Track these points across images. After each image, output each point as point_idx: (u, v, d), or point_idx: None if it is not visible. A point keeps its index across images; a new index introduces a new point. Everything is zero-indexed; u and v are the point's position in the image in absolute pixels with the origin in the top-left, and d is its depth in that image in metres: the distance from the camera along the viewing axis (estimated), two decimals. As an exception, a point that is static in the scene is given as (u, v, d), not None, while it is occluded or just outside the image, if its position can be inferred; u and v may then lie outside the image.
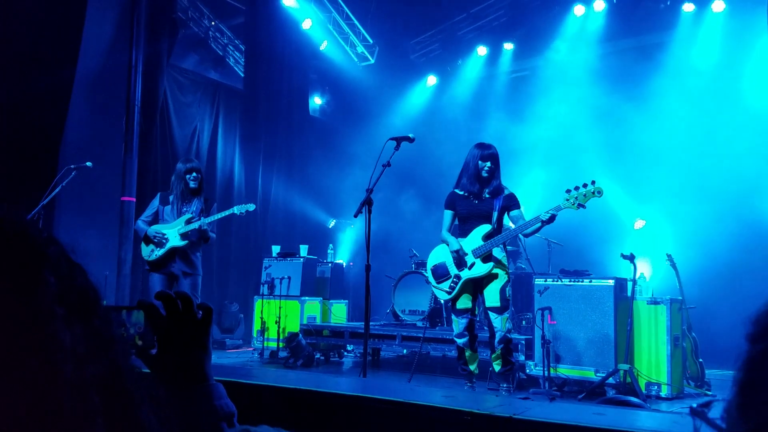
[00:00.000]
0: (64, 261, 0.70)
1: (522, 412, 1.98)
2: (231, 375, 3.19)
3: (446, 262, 4.75)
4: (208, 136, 10.09)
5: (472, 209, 4.67)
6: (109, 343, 0.71)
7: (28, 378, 0.61)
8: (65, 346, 0.64)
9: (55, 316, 0.65)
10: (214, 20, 10.29)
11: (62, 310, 0.66)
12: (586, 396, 5.13)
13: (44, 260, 0.67)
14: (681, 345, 5.63)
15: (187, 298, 1.05)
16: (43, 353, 0.63)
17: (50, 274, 0.67)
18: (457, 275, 4.66)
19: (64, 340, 0.64)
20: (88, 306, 0.71)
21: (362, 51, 11.34)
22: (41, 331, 0.63)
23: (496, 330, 4.54)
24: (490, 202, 4.63)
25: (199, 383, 1.03)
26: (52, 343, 0.64)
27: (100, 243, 7.32)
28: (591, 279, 5.70)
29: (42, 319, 0.64)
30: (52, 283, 0.66)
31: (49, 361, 0.63)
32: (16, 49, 6.18)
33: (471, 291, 4.67)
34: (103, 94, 7.86)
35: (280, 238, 9.64)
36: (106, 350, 0.70)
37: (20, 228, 0.69)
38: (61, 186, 5.39)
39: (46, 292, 0.65)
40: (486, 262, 4.55)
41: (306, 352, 7.08)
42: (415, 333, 6.91)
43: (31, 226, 0.70)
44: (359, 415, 2.44)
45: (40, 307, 0.64)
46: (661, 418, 2.68)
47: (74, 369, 0.64)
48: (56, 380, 0.63)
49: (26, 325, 0.63)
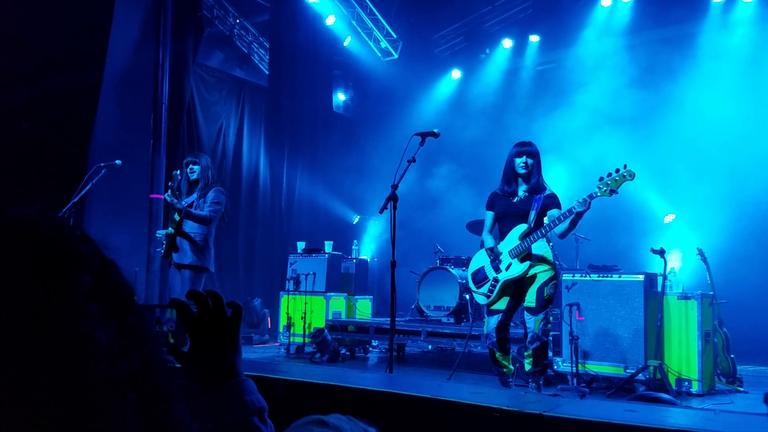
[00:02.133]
0: (97, 259, 0.71)
1: (552, 409, 1.96)
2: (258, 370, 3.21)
3: (485, 266, 4.62)
4: (234, 133, 10.17)
5: (508, 208, 4.52)
6: (143, 341, 0.71)
7: (64, 376, 0.62)
8: (100, 344, 0.65)
9: (90, 315, 0.65)
10: (238, 18, 10.35)
11: (96, 308, 0.66)
12: (615, 392, 5.06)
13: (78, 259, 0.68)
14: (712, 340, 5.53)
15: (216, 296, 1.06)
16: (78, 352, 0.63)
17: (84, 273, 0.67)
18: (495, 278, 4.53)
19: (99, 338, 0.65)
20: (122, 303, 0.71)
21: (386, 46, 11.31)
22: (76, 329, 0.64)
23: (529, 330, 4.42)
24: (528, 201, 4.45)
25: (230, 379, 1.04)
26: (88, 342, 0.64)
27: (130, 240, 7.43)
28: (620, 274, 5.62)
29: (77, 317, 0.64)
30: (86, 281, 0.67)
31: (85, 360, 0.63)
32: (45, 50, 6.29)
33: (511, 293, 4.51)
34: (131, 93, 7.96)
35: (304, 234, 9.69)
36: (140, 347, 0.70)
37: (53, 227, 0.69)
38: (91, 184, 5.46)
39: (81, 290, 0.66)
40: (523, 261, 4.40)
41: (332, 348, 7.11)
42: (441, 329, 6.89)
43: (63, 224, 0.71)
44: (386, 410, 2.44)
45: (74, 306, 0.64)
46: (694, 415, 2.63)
47: (109, 367, 0.65)
48: (92, 378, 0.63)
49: (61, 324, 0.63)
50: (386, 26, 11.14)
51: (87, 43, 6.79)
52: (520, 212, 4.46)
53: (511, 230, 4.48)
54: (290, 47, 10.44)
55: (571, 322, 5.42)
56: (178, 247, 5.29)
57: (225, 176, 9.80)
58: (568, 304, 5.58)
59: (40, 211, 0.71)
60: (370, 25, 11.02)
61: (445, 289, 7.44)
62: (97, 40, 6.88)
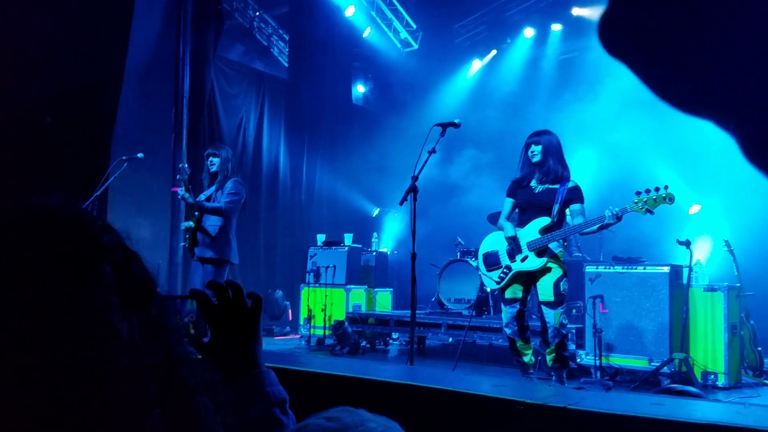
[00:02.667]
0: (120, 249, 0.70)
1: (577, 402, 1.92)
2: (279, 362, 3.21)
3: (499, 251, 4.58)
4: (254, 126, 10.21)
5: (531, 199, 4.46)
6: (165, 333, 0.70)
7: (87, 368, 0.61)
8: (123, 336, 0.64)
9: (112, 306, 0.64)
10: (258, 11, 10.36)
11: (119, 300, 0.65)
12: (640, 386, 5.00)
13: (100, 249, 0.67)
14: (739, 333, 5.44)
15: (237, 287, 1.05)
16: (100, 343, 0.62)
17: (106, 264, 0.66)
18: (508, 266, 4.49)
19: (121, 330, 0.64)
20: (145, 295, 0.70)
21: (405, 37, 11.25)
22: (98, 321, 0.63)
23: (549, 325, 4.36)
24: (551, 193, 4.38)
25: (251, 370, 1.03)
26: (110, 333, 0.63)
27: (152, 233, 7.50)
28: (645, 266, 5.55)
29: (99, 308, 0.63)
30: (109, 272, 0.66)
31: (107, 351, 0.62)
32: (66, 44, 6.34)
33: (523, 282, 4.48)
34: (152, 86, 8.02)
35: (324, 226, 9.71)
36: (162, 339, 0.69)
37: (75, 217, 0.68)
38: (114, 177, 5.51)
39: (103, 281, 0.65)
40: (540, 256, 4.35)
41: (352, 340, 7.12)
42: (461, 321, 6.86)
43: (85, 215, 0.70)
44: (408, 403, 2.42)
45: (97, 297, 0.64)
46: (722, 409, 2.58)
47: (132, 359, 0.64)
48: (114, 370, 0.62)
49: (84, 316, 0.62)
50: (406, 16, 11.07)
51: (108, 36, 6.83)
52: (543, 205, 4.40)
53: (532, 221, 4.43)
54: (310, 39, 10.44)
55: (595, 314, 5.36)
56: (199, 241, 5.31)
57: (245, 169, 9.84)
58: (592, 296, 5.52)
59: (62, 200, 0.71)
60: (390, 16, 10.96)
61: (465, 281, 7.40)
62: (119, 34, 6.92)
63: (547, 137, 4.48)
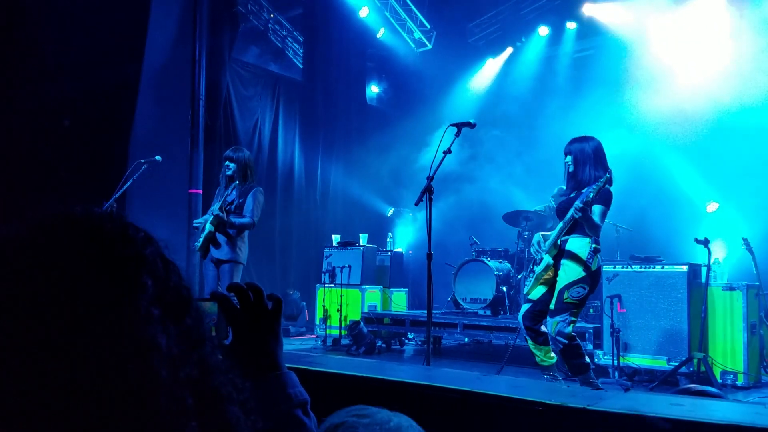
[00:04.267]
0: (160, 261, 0.70)
1: (596, 402, 1.92)
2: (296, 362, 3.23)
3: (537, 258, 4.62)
4: (269, 128, 10.25)
5: (559, 207, 4.44)
6: (200, 343, 0.71)
7: (127, 382, 0.61)
8: (162, 349, 0.64)
9: (153, 319, 0.65)
10: (273, 13, 10.41)
11: (159, 312, 0.66)
12: (658, 385, 4.96)
13: (143, 263, 0.67)
14: (758, 332, 5.38)
15: (257, 289, 1.06)
16: (141, 357, 0.63)
17: (148, 277, 0.67)
18: (531, 270, 4.54)
19: (161, 343, 0.64)
20: (182, 305, 0.71)
21: (419, 37, 11.25)
22: (140, 334, 0.63)
23: (548, 333, 4.27)
24: (573, 200, 4.23)
25: (272, 371, 1.04)
26: (150, 347, 0.64)
27: (170, 235, 7.44)
28: (663, 265, 5.50)
29: (140, 322, 0.64)
30: (150, 285, 0.66)
31: (147, 365, 0.63)
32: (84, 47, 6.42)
33: (548, 287, 4.37)
34: (169, 89, 8.08)
35: (339, 226, 9.73)
36: (197, 350, 0.70)
37: (119, 228, 0.69)
38: (132, 180, 5.56)
39: (144, 295, 0.65)
40: (554, 258, 4.30)
41: (368, 340, 7.13)
42: (477, 321, 6.85)
43: (129, 227, 0.70)
44: (425, 403, 2.43)
45: (138, 311, 0.64)
46: (743, 409, 2.56)
47: (169, 371, 0.64)
48: (153, 383, 0.63)
49: (126, 330, 0.63)
50: (420, 17, 11.07)
51: (125, 41, 6.91)
52: (564, 210, 4.32)
53: (557, 227, 4.41)
54: (324, 41, 10.47)
55: (612, 314, 5.32)
56: (219, 243, 5.34)
57: (261, 170, 9.88)
58: (609, 296, 5.49)
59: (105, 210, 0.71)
60: (404, 16, 10.96)
61: (481, 281, 7.39)
62: (135, 38, 7.00)
63: (578, 146, 4.32)
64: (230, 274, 5.32)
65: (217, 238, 5.35)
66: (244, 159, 5.45)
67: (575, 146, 4.34)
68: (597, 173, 4.20)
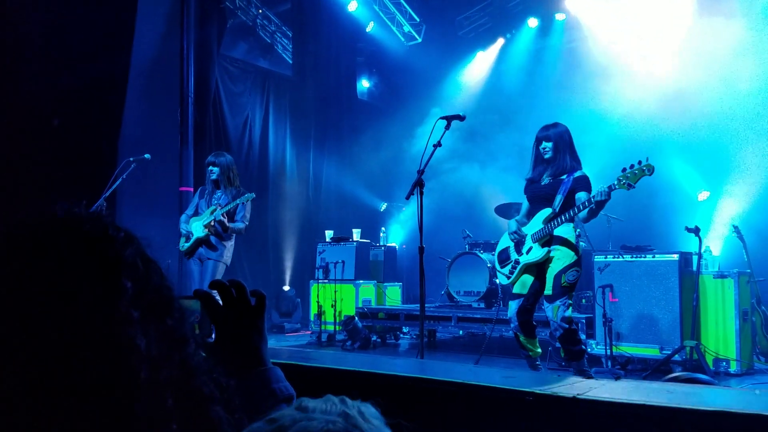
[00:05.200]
0: (140, 261, 0.70)
1: (586, 391, 1.92)
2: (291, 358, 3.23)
3: (510, 246, 4.59)
4: (260, 124, 10.21)
5: (535, 192, 4.44)
6: (182, 344, 0.70)
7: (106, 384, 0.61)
8: (141, 351, 0.64)
9: (132, 321, 0.64)
10: (261, 8, 10.36)
11: (138, 313, 0.65)
12: (651, 374, 4.99)
13: (122, 265, 0.67)
14: (750, 319, 5.41)
15: (240, 285, 1.05)
16: (120, 359, 0.62)
17: (127, 279, 0.66)
18: (516, 260, 4.48)
19: (140, 344, 0.64)
20: (163, 305, 0.70)
21: (409, 30, 11.22)
22: (119, 337, 0.63)
23: (549, 320, 4.32)
24: (555, 185, 4.34)
25: (256, 368, 1.03)
26: (130, 349, 0.63)
27: (161, 233, 7.52)
28: (654, 254, 5.52)
29: (119, 324, 0.63)
30: (129, 287, 0.66)
31: (126, 367, 0.62)
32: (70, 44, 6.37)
33: (534, 275, 4.41)
34: (157, 87, 8.04)
35: (332, 222, 9.72)
36: (178, 350, 0.69)
37: (99, 229, 0.68)
38: (122, 179, 5.54)
39: (124, 297, 0.65)
40: (544, 246, 4.31)
41: (363, 335, 7.13)
42: (471, 314, 6.87)
43: (110, 227, 0.70)
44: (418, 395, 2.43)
45: (117, 313, 0.64)
46: (734, 395, 2.57)
47: (149, 373, 0.64)
48: (133, 385, 0.62)
49: (104, 332, 0.62)
50: (409, 10, 11.04)
51: (112, 39, 6.86)
52: (546, 196, 4.36)
53: (537, 213, 4.41)
54: (313, 35, 10.42)
55: (605, 304, 5.34)
56: (215, 246, 5.49)
57: (252, 167, 9.86)
58: (601, 285, 5.50)
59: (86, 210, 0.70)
60: (393, 10, 10.93)
61: (474, 274, 7.40)
62: (122, 37, 6.95)
63: (557, 131, 4.39)
64: (213, 272, 5.46)
65: (211, 240, 5.48)
66: (226, 163, 5.60)
67: (554, 132, 4.40)
68: (573, 162, 4.34)
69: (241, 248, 8.60)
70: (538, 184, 4.45)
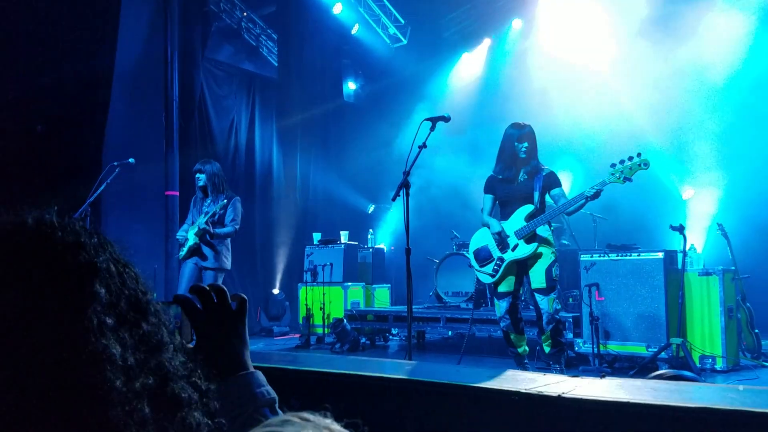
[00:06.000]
0: (114, 267, 0.69)
1: (571, 390, 1.93)
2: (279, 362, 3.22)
3: (488, 245, 4.64)
4: (246, 126, 10.18)
5: (512, 192, 4.54)
6: (158, 348, 0.70)
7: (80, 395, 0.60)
8: (116, 360, 0.63)
9: (106, 329, 0.64)
10: (245, 11, 10.32)
11: (112, 321, 0.65)
12: (638, 372, 5.02)
13: (95, 272, 0.66)
14: (735, 316, 5.46)
15: (220, 290, 1.05)
16: (94, 369, 0.61)
17: (101, 286, 0.65)
18: (500, 257, 4.54)
19: (114, 353, 0.63)
20: (138, 311, 0.69)
21: (394, 32, 11.23)
22: (92, 346, 0.62)
23: (543, 311, 4.43)
24: (529, 183, 4.48)
25: (238, 372, 1.03)
26: (103, 358, 0.62)
27: (147, 237, 7.49)
28: (639, 252, 5.56)
29: (92, 333, 0.63)
30: (102, 294, 0.65)
31: (100, 377, 0.62)
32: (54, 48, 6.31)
33: (515, 273, 4.54)
34: (142, 90, 7.99)
35: (320, 225, 9.70)
36: (154, 357, 0.69)
37: (71, 238, 0.67)
38: (106, 183, 5.51)
39: (97, 304, 0.64)
40: (530, 242, 4.41)
41: (351, 337, 7.13)
42: (460, 315, 6.88)
43: (82, 234, 0.69)
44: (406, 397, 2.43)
45: (90, 322, 0.63)
46: (717, 391, 2.59)
47: (124, 382, 0.63)
48: (107, 395, 0.61)
49: (77, 341, 0.61)
50: (394, 12, 11.05)
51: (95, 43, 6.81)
52: (524, 195, 4.50)
53: (516, 211, 4.50)
54: (298, 38, 10.40)
55: (591, 302, 5.38)
56: (206, 256, 5.56)
57: (238, 170, 9.82)
58: (588, 284, 5.54)
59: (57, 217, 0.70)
60: (378, 12, 10.93)
61: (462, 274, 7.41)
62: (106, 40, 6.90)
63: (531, 131, 4.55)
64: (214, 281, 5.50)
65: (203, 249, 5.55)
66: (213, 170, 5.72)
67: (532, 132, 4.53)
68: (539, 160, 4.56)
69: (228, 252, 8.56)
70: (514, 182, 4.55)
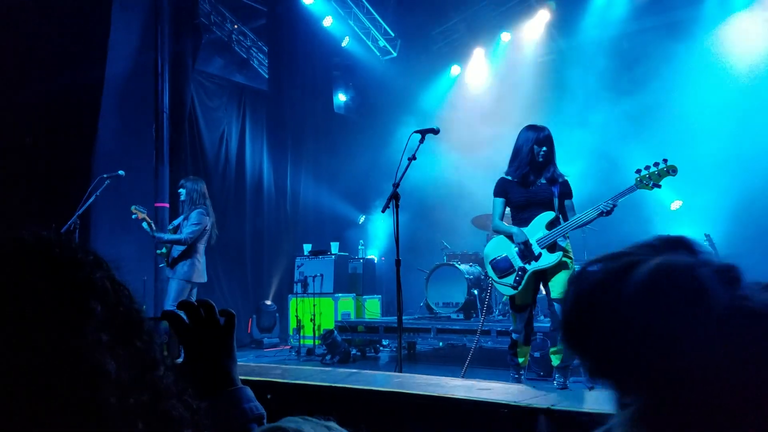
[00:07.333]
0: (109, 285, 0.69)
1: (560, 402, 1.94)
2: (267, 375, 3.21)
3: (508, 254, 4.37)
4: (236, 139, 10.17)
5: (531, 196, 4.30)
6: (151, 365, 0.70)
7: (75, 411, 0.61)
8: (111, 376, 0.63)
9: (102, 345, 0.64)
10: (236, 23, 10.36)
11: (108, 337, 0.65)
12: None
13: (91, 288, 0.67)
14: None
15: (208, 305, 1.05)
16: (89, 385, 0.62)
17: (97, 302, 0.66)
18: (522, 268, 4.28)
19: (110, 369, 0.64)
20: (132, 329, 0.70)
21: (384, 45, 11.29)
22: (87, 362, 0.62)
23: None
24: (548, 189, 4.27)
25: (226, 388, 1.03)
26: (99, 374, 0.63)
27: (137, 249, 7.44)
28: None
29: (88, 350, 0.63)
30: (98, 311, 0.66)
31: (96, 393, 0.62)
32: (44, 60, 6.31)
33: (534, 283, 4.33)
34: (132, 103, 7.97)
35: (311, 236, 9.69)
36: (148, 374, 0.69)
37: (68, 254, 0.68)
38: (95, 195, 5.49)
39: (93, 321, 0.65)
40: (552, 251, 4.20)
41: (342, 349, 7.11)
42: (450, 325, 6.88)
43: (79, 251, 0.69)
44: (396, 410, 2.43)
45: (86, 338, 0.63)
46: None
47: (119, 398, 0.63)
48: (102, 412, 0.62)
49: (72, 358, 0.62)
50: (384, 25, 11.12)
51: (86, 55, 6.81)
52: (544, 200, 4.27)
53: (535, 218, 4.28)
54: (289, 50, 10.44)
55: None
56: (170, 264, 5.88)
57: (229, 182, 9.80)
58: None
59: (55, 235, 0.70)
60: (368, 25, 11.00)
61: (453, 285, 7.43)
62: (95, 53, 6.90)
63: (550, 134, 4.33)
64: (172, 290, 5.76)
65: (168, 260, 5.86)
66: (191, 186, 5.99)
67: (550, 134, 4.32)
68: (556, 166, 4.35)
69: (218, 263, 8.53)
70: (533, 187, 4.33)
